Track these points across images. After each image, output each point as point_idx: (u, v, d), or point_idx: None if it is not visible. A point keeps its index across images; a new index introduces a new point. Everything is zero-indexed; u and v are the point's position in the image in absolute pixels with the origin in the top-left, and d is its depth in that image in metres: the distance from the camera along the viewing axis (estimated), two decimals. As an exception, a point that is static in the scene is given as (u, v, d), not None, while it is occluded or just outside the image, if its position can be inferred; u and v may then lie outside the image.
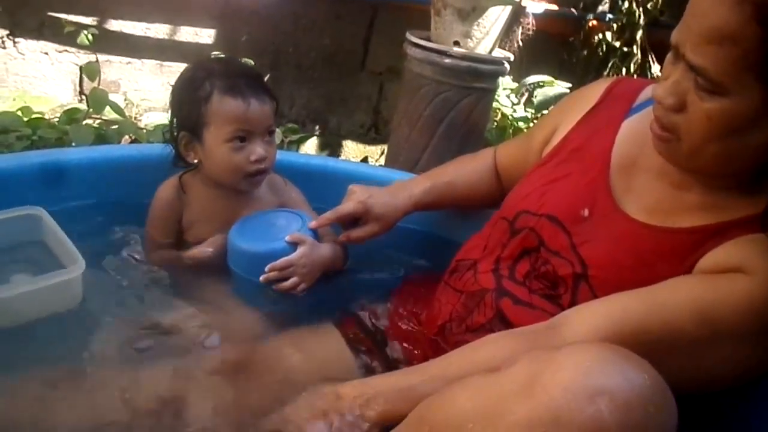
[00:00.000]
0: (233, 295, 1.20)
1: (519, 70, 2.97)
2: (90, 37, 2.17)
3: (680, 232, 0.88)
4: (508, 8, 2.02)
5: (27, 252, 1.10)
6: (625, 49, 3.09)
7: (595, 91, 1.11)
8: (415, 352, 1.07)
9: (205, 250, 1.21)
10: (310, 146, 2.74)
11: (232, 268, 1.19)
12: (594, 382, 0.62)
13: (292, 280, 1.15)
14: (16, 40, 2.30)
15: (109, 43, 2.40)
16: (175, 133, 1.22)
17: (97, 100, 2.14)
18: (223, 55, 2.36)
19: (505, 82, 2.96)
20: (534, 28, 2.86)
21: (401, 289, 1.23)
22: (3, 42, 2.29)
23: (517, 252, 1.01)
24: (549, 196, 1.02)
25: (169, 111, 1.27)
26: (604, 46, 3.14)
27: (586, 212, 0.97)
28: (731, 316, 0.78)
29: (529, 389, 0.65)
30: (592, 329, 0.81)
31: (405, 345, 1.08)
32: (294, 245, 1.16)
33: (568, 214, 0.98)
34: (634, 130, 1.00)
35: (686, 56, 0.78)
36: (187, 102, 1.19)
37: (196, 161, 1.21)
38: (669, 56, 0.84)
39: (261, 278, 1.14)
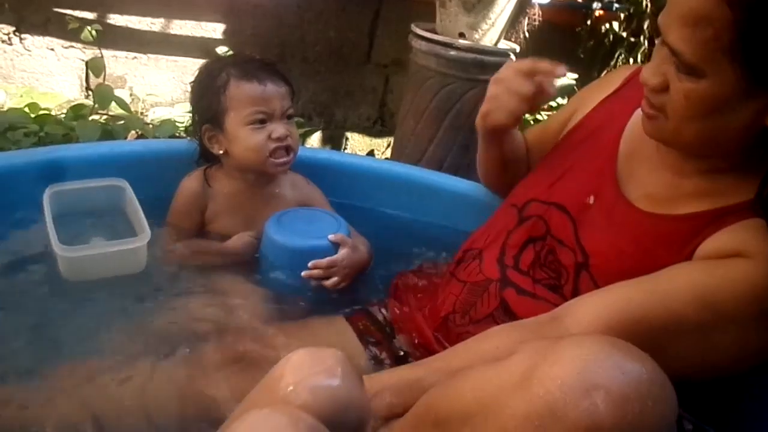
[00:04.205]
0: (244, 284, 1.22)
1: (525, 61, 2.95)
2: (93, 33, 2.17)
3: (679, 219, 0.88)
4: (514, -1, 2.01)
5: (108, 219, 1.22)
6: (632, 39, 3.07)
7: (616, 77, 1.13)
8: (420, 344, 1.07)
9: (239, 244, 1.24)
10: (315, 140, 2.74)
11: (267, 263, 1.22)
12: (590, 376, 0.62)
13: (333, 279, 1.18)
14: (23, 36, 2.30)
15: (114, 38, 2.40)
16: (198, 129, 1.25)
17: (102, 95, 2.14)
18: (230, 52, 2.36)
19: (512, 74, 2.93)
20: (540, 18, 2.84)
21: (403, 282, 1.22)
22: (9, 38, 2.29)
23: (523, 240, 1.02)
24: (559, 185, 1.03)
25: (190, 109, 1.31)
26: (611, 36, 3.11)
27: (591, 199, 0.98)
28: (732, 300, 0.79)
29: (527, 382, 0.65)
30: (595, 319, 0.81)
31: (410, 336, 1.09)
32: (336, 245, 1.19)
33: (575, 202, 0.99)
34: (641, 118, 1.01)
35: (667, 40, 0.80)
36: (206, 94, 1.22)
37: (221, 152, 1.24)
38: (659, 39, 0.86)
39: (303, 273, 1.18)
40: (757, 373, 0.85)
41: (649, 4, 2.99)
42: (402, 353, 1.07)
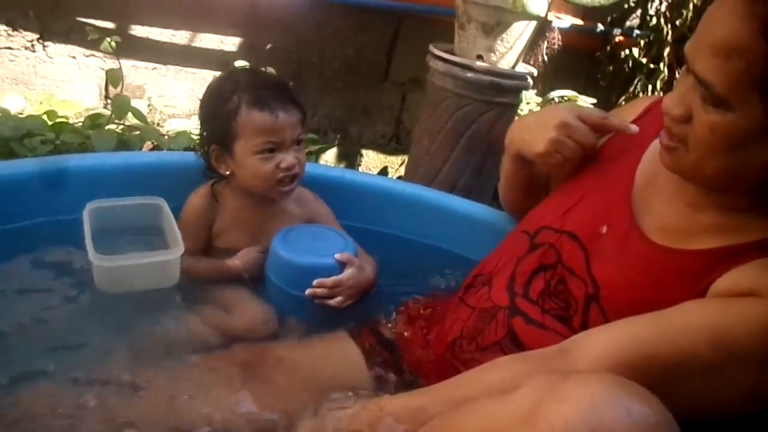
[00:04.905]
0: (249, 300, 1.21)
1: (544, 85, 2.95)
2: (113, 44, 2.20)
3: (693, 255, 0.86)
4: (533, 23, 2.01)
5: (145, 237, 1.24)
6: (652, 65, 3.06)
7: (635, 107, 1.11)
8: (426, 369, 1.06)
9: (245, 260, 1.23)
10: (330, 156, 2.74)
11: (272, 279, 1.21)
12: (595, 417, 0.61)
13: (338, 299, 1.18)
14: (45, 43, 2.33)
15: (135, 48, 2.43)
16: (206, 147, 1.24)
17: (119, 105, 2.16)
18: (248, 66, 2.37)
19: (529, 96, 2.94)
20: (560, 42, 2.83)
21: (412, 305, 1.22)
22: (33, 45, 2.32)
23: (533, 268, 1.00)
24: (572, 213, 1.02)
25: (199, 124, 1.30)
26: (631, 62, 3.10)
27: (604, 229, 0.96)
28: (745, 339, 0.77)
29: (532, 418, 0.64)
30: (603, 355, 0.80)
31: (415, 362, 1.08)
32: (342, 264, 1.19)
33: (587, 231, 0.97)
34: (658, 149, 1.00)
35: (694, 69, 0.78)
36: (216, 116, 1.21)
37: (228, 173, 1.24)
38: (684, 67, 0.84)
39: (307, 291, 1.17)
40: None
41: (669, 32, 2.98)
42: (407, 376, 1.06)
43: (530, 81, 2.10)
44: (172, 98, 2.56)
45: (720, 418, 0.83)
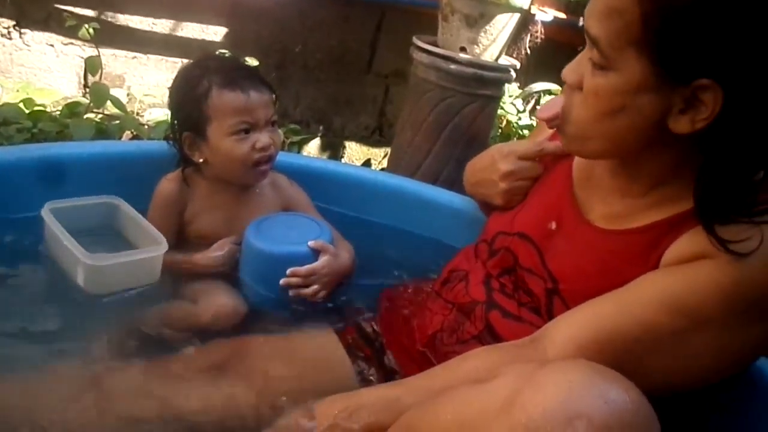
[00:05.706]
0: (225, 292, 1.18)
1: (526, 78, 2.96)
2: (91, 31, 2.16)
3: (638, 232, 0.88)
4: (516, 16, 2.01)
5: (105, 237, 1.22)
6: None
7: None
8: (407, 360, 1.06)
9: (215, 255, 1.21)
10: (313, 147, 2.73)
11: (246, 271, 1.19)
12: (573, 405, 0.61)
13: (313, 287, 1.16)
14: (23, 31, 2.30)
15: (115, 36, 2.40)
16: (178, 135, 1.22)
17: (98, 94, 2.13)
18: (219, 53, 2.35)
19: (512, 89, 2.95)
20: (542, 35, 2.84)
21: (392, 295, 1.22)
22: (9, 32, 2.28)
23: (497, 273, 1.03)
24: (519, 216, 1.05)
25: (169, 114, 1.28)
26: (612, 56, 3.12)
27: (553, 225, 0.98)
28: (702, 302, 0.78)
29: (509, 407, 0.64)
30: (569, 339, 0.81)
31: (397, 353, 1.08)
32: (316, 252, 1.17)
33: (537, 229, 1.00)
34: None
35: (586, 28, 0.82)
36: (187, 101, 1.19)
37: (201, 160, 1.22)
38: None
39: (281, 281, 1.15)
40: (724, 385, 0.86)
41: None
42: (389, 369, 1.06)
43: (513, 74, 2.11)
44: (153, 87, 2.53)
45: (694, 387, 0.85)
